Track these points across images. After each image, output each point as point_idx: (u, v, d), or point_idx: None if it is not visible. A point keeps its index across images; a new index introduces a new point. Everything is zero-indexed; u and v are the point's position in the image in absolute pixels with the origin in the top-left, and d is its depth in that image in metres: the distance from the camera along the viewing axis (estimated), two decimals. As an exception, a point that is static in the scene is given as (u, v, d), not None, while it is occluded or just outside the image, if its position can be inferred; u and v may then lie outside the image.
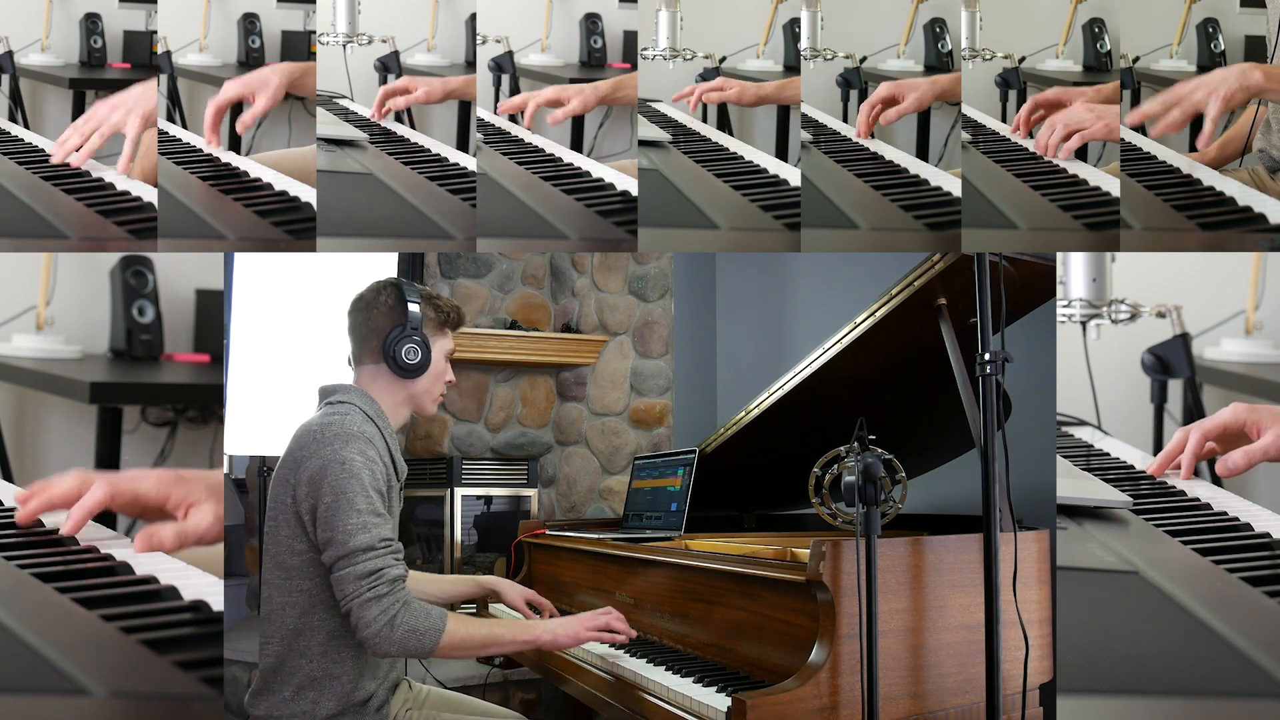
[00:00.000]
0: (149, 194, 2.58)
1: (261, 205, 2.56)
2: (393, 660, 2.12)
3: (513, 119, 2.98)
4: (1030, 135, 2.77)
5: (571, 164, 2.75)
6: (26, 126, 3.22)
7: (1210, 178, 2.51)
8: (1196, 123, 2.55)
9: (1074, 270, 2.83)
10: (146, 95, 2.66)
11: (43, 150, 2.77)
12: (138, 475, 1.85)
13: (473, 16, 3.16)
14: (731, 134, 2.98)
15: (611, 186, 2.66)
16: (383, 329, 2.13)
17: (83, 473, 1.84)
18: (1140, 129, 2.67)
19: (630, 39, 3.29)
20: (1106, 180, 2.54)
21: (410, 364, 2.11)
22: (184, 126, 3.15)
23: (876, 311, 2.17)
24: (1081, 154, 2.79)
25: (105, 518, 3.14)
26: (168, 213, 2.54)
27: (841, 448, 1.83)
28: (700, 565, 2.17)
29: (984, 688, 1.72)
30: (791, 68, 3.09)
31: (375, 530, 1.93)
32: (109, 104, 2.66)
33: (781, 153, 3.04)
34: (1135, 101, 3.16)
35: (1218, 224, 2.39)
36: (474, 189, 2.65)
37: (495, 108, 3.18)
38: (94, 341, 3.52)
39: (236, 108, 2.84)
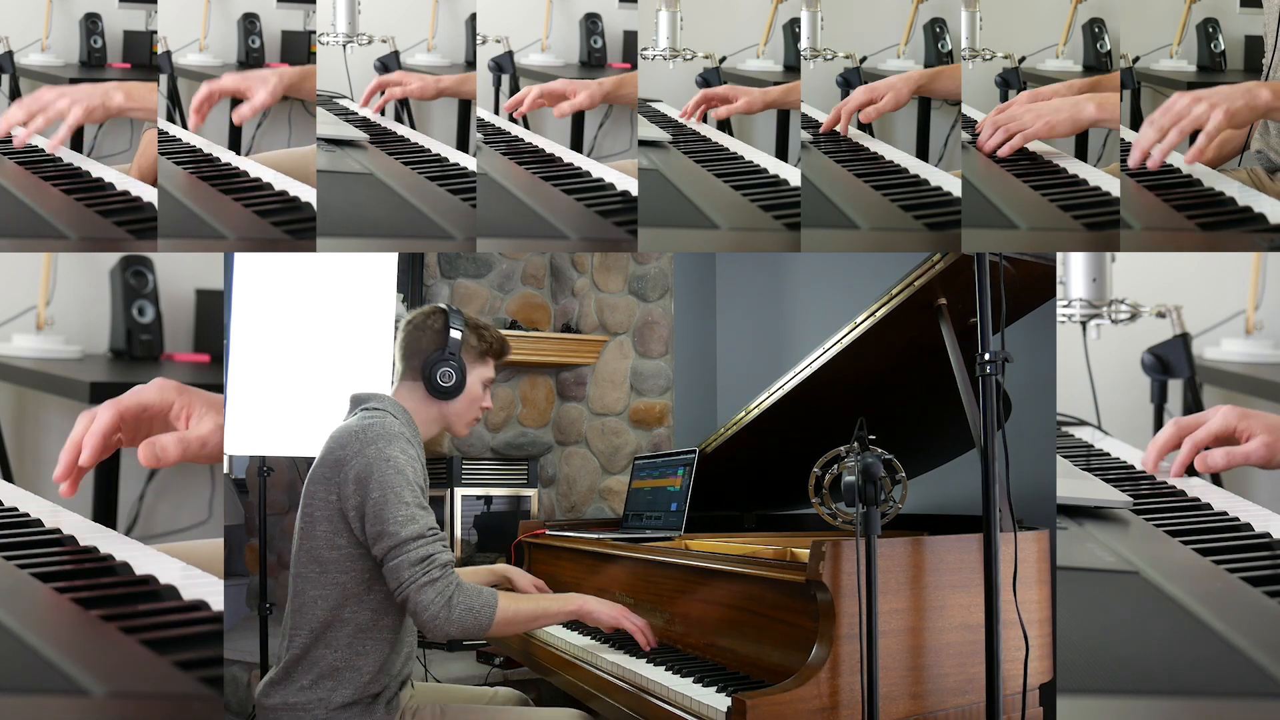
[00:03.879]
0: (149, 194, 2.58)
1: (261, 205, 2.56)
2: (409, 656, 2.18)
3: (512, 119, 2.98)
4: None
5: (571, 164, 2.76)
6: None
7: (1210, 178, 2.51)
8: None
9: (1074, 270, 2.83)
10: (95, 91, 2.68)
11: (43, 150, 2.77)
12: (138, 389, 1.86)
13: (473, 16, 3.16)
14: (731, 134, 2.98)
15: (611, 186, 2.66)
16: (425, 350, 2.22)
17: (87, 412, 1.85)
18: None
19: (630, 39, 3.29)
20: (1106, 180, 2.54)
21: (444, 386, 2.21)
22: (184, 126, 3.15)
23: (876, 312, 2.17)
24: (1081, 154, 2.79)
25: (107, 514, 3.15)
26: (168, 213, 2.54)
27: (841, 448, 1.83)
28: (700, 565, 2.17)
29: (984, 688, 1.72)
30: (791, 68, 3.09)
31: (422, 520, 2.02)
32: (57, 90, 2.68)
33: (781, 153, 3.04)
34: (1135, 101, 3.16)
35: (1218, 224, 2.39)
36: (474, 189, 2.65)
37: (496, 107, 3.18)
38: (94, 341, 3.52)
39: (233, 102, 2.85)
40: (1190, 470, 2.16)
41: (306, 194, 2.60)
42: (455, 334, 2.22)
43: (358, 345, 3.35)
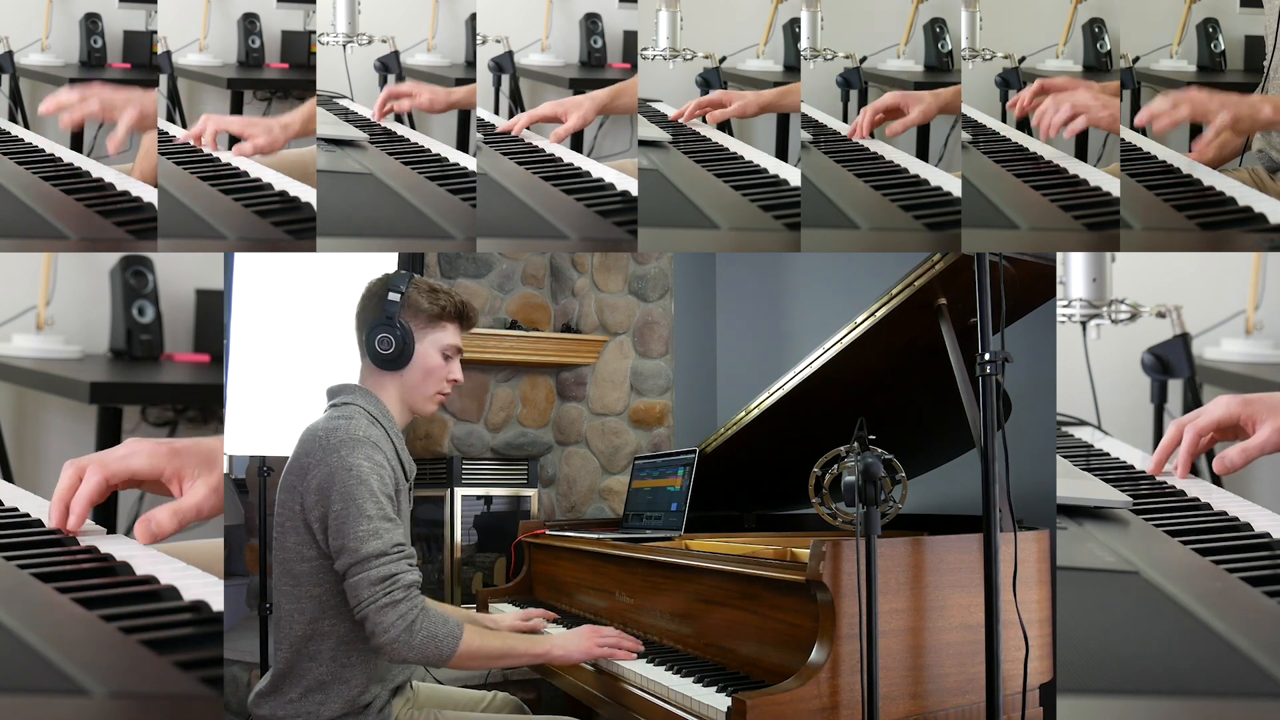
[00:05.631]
0: (149, 194, 2.58)
1: (261, 205, 2.56)
2: (405, 666, 2.12)
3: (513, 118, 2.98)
4: (1025, 124, 2.79)
5: (571, 164, 2.76)
6: (26, 126, 3.22)
7: (1210, 178, 2.51)
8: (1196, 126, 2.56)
9: (1074, 270, 2.83)
10: (149, 97, 2.70)
11: (43, 150, 2.77)
12: (129, 454, 1.82)
13: (473, 16, 3.16)
14: (731, 134, 2.98)
15: (611, 186, 2.66)
16: (370, 319, 2.11)
17: (75, 464, 1.83)
18: (1141, 131, 2.67)
19: (630, 39, 3.29)
20: (1106, 180, 2.54)
21: (383, 354, 2.07)
22: (184, 126, 3.15)
23: (876, 312, 2.17)
24: (1081, 154, 2.80)
25: (106, 515, 3.15)
26: (168, 213, 2.54)
27: (841, 448, 1.83)
28: (700, 565, 2.17)
29: (984, 688, 1.72)
30: (791, 68, 3.09)
31: (387, 536, 1.92)
32: (113, 89, 2.70)
33: (781, 153, 3.04)
34: (1135, 102, 3.16)
35: (1218, 224, 2.39)
36: (474, 189, 2.65)
37: (496, 107, 3.18)
38: (94, 341, 3.52)
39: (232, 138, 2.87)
40: (1200, 469, 2.15)
41: (306, 194, 2.60)
42: (393, 296, 2.06)
43: (357, 345, 3.34)
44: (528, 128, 2.87)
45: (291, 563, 1.99)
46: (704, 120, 2.95)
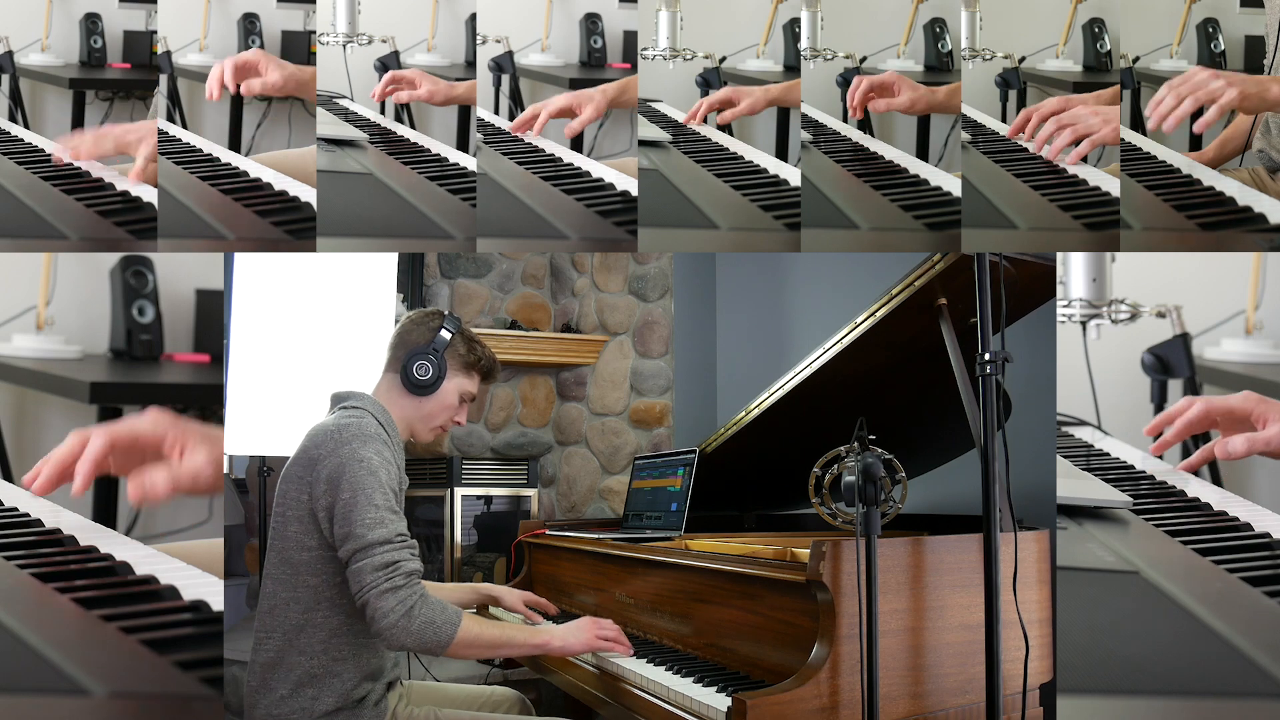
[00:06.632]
0: (149, 194, 2.59)
1: (261, 205, 2.57)
2: (395, 660, 2.14)
3: (513, 118, 2.98)
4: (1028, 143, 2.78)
5: (571, 164, 2.76)
6: (26, 126, 3.22)
7: (1210, 178, 2.51)
8: (1196, 120, 2.55)
9: (1074, 270, 2.82)
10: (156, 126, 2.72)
11: (43, 150, 2.77)
12: (133, 418, 1.87)
13: (473, 16, 3.16)
14: (731, 134, 2.98)
15: (611, 186, 2.66)
16: (412, 344, 2.22)
17: (80, 431, 1.85)
18: (1141, 129, 2.67)
19: (630, 39, 3.29)
20: (1106, 180, 2.54)
21: (418, 379, 2.19)
22: (184, 126, 3.15)
23: (876, 312, 2.17)
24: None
25: (107, 515, 3.16)
26: (168, 213, 2.54)
27: (841, 448, 1.83)
28: (700, 565, 2.17)
29: (984, 688, 1.72)
30: (791, 68, 3.09)
31: (392, 525, 1.97)
32: (124, 127, 2.73)
33: (781, 153, 3.04)
34: (1135, 101, 3.16)
35: (1218, 224, 2.39)
36: (474, 189, 2.65)
37: (496, 107, 3.18)
38: (94, 341, 3.51)
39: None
40: (1212, 470, 2.14)
41: (306, 194, 2.60)
42: (445, 334, 2.22)
43: (358, 345, 3.35)
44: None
45: (291, 552, 2.02)
46: (705, 121, 2.95)
